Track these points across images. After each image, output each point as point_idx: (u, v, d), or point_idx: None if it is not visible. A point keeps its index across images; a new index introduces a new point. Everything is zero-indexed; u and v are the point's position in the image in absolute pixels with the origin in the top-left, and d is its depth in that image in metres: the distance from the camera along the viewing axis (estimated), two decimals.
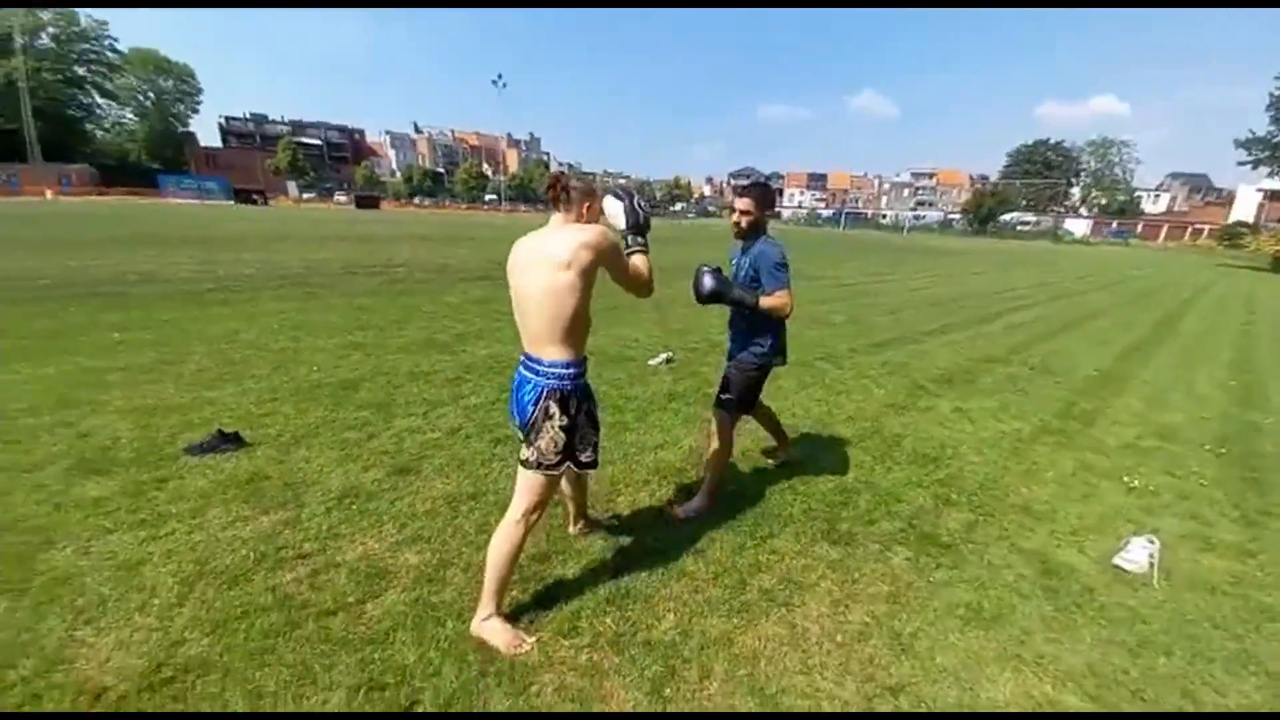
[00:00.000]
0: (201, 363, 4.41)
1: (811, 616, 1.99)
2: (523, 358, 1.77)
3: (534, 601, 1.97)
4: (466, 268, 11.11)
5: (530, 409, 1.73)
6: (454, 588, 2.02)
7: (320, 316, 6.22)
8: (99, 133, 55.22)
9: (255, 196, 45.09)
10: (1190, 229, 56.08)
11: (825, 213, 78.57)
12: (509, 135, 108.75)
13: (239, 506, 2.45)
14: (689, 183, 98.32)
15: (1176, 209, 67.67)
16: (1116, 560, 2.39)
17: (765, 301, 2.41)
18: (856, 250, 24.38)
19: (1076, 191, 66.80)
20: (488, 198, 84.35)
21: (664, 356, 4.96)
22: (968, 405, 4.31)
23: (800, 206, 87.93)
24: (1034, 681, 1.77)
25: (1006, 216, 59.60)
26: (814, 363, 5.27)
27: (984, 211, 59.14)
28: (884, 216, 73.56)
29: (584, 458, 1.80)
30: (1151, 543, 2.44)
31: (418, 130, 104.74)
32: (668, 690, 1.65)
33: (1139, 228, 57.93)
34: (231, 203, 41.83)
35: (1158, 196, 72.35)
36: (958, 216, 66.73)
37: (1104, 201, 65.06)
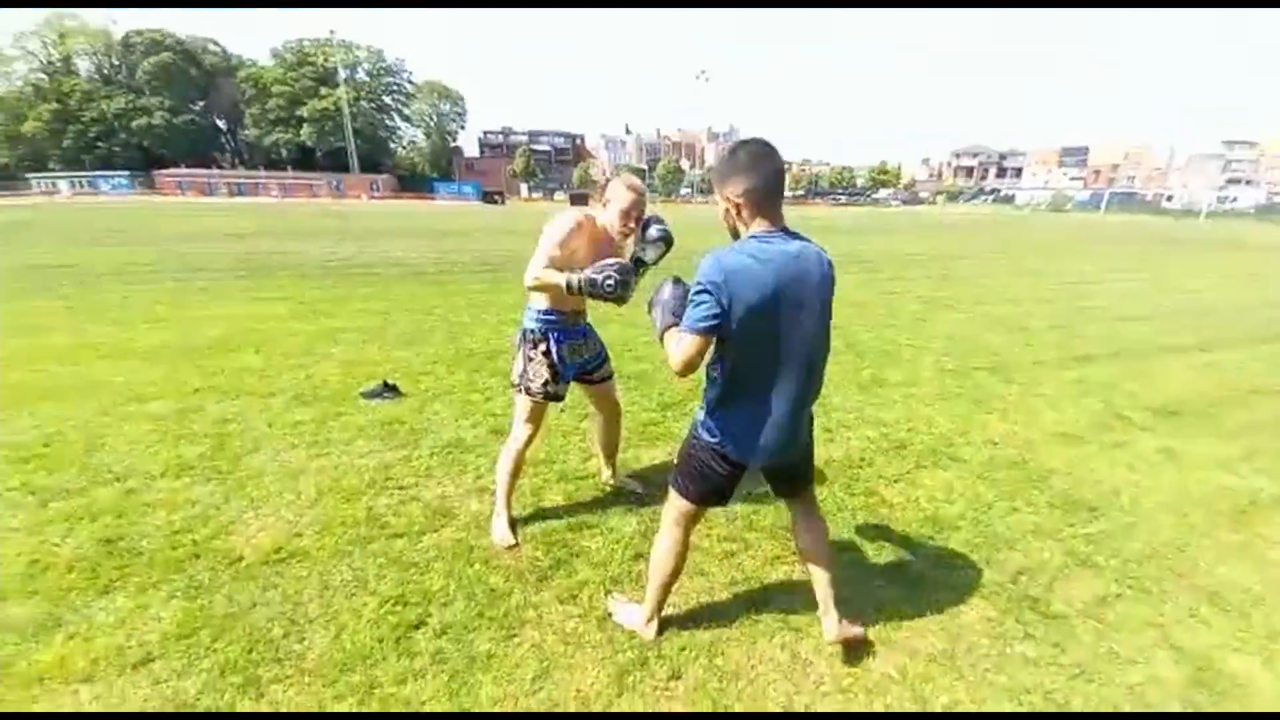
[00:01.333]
0: (401, 329, 5.54)
1: (824, 652, 1.78)
2: None
3: (550, 565, 2.13)
4: None
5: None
6: (488, 542, 2.28)
7: (497, 297, 7.25)
8: (399, 150, 71.14)
9: (496, 197, 53.42)
10: None
11: (1080, 195, 62.71)
12: (709, 129, 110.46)
13: (376, 442, 3.09)
14: (899, 166, 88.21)
15: None
16: None
17: (668, 336, 1.45)
18: (1112, 240, 19.30)
19: None
20: (683, 191, 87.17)
21: None
22: (1185, 447, 3.21)
23: (1045, 186, 71.90)
24: None
25: None
26: (971, 371, 4.44)
27: None
28: (1168, 198, 55.93)
29: (533, 389, 2.17)
30: None
31: (628, 132, 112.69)
32: (630, 678, 1.65)
33: None
34: (479, 202, 50.32)
35: None
36: None
37: None
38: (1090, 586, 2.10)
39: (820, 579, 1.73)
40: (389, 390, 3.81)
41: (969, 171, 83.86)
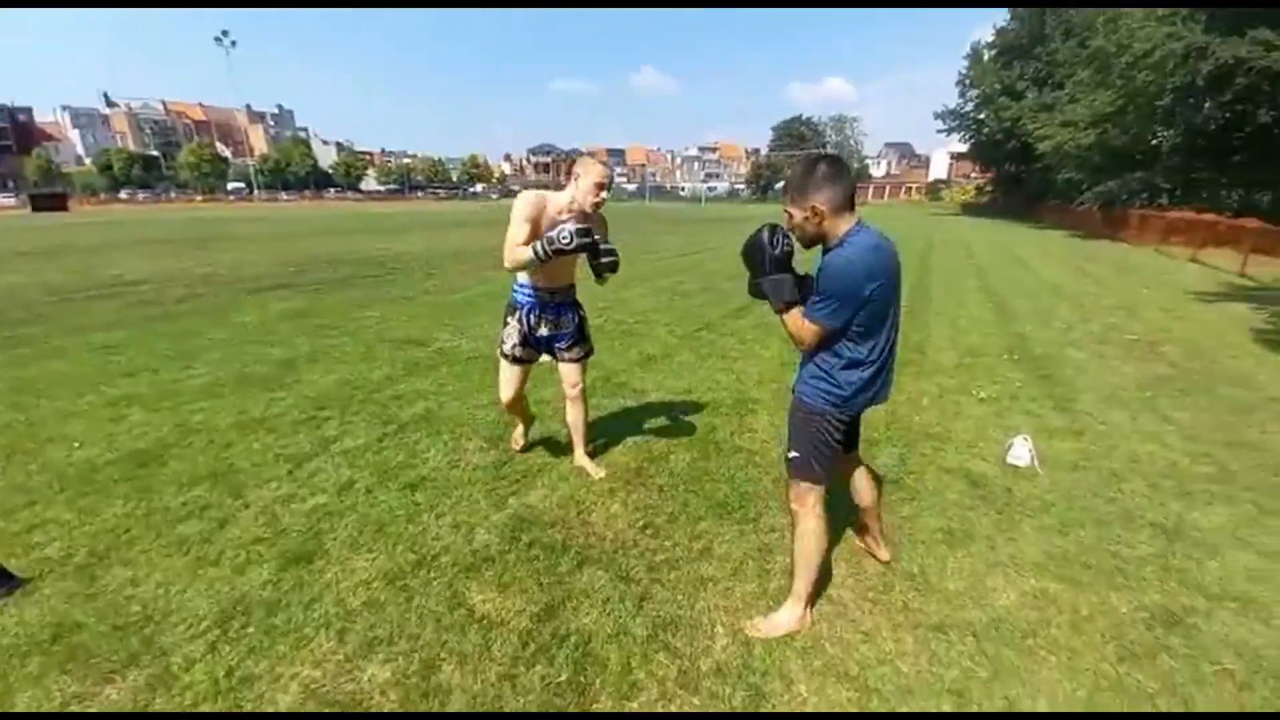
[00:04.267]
0: None
1: (838, 582, 2.02)
2: None
3: (575, 670, 1.64)
4: (251, 276, 9.00)
5: None
6: (458, 699, 1.56)
7: (48, 367, 4.44)
8: None
9: None
10: (905, 188, 71.84)
11: (629, 187, 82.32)
12: (248, 107, 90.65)
13: (58, 680, 1.58)
14: (486, 160, 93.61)
15: (892, 173, 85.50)
16: (1009, 460, 2.89)
17: (791, 312, 1.62)
18: (672, 223, 25.87)
19: None
20: (233, 185, 70.40)
21: None
22: None
23: None
24: (1019, 579, 2.04)
25: (779, 185, 69.67)
26: (697, 334, 5.42)
27: (763, 182, 68.42)
28: (682, 189, 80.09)
29: (504, 349, 2.54)
30: (1026, 440, 2.99)
31: (110, 104, 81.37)
32: (765, 709, 1.51)
33: (870, 190, 71.73)
34: None
35: (878, 163, 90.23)
36: (743, 187, 75.74)
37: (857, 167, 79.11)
38: (889, 454, 3.00)
39: (869, 513, 2.09)
40: None
41: (545, 167, 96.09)
